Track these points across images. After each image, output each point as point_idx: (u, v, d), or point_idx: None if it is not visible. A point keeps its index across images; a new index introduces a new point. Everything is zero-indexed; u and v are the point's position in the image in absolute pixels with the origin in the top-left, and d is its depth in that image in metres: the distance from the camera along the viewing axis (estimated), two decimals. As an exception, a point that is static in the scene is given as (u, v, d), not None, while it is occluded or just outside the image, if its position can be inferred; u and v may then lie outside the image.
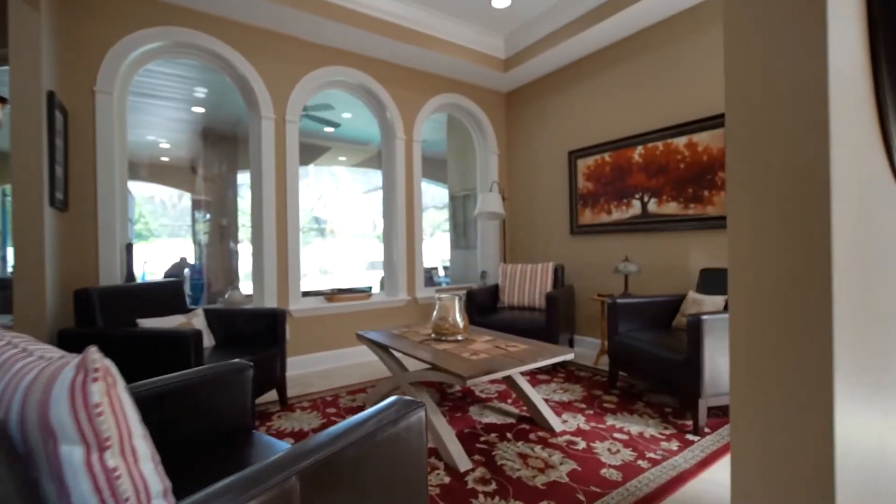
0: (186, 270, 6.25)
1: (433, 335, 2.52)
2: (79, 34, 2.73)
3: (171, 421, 1.27)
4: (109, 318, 2.31)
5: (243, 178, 7.48)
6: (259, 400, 2.78)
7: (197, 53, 3.18)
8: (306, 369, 3.54)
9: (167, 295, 2.70)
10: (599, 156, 3.92)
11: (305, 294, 3.75)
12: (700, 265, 3.21)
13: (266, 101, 3.39)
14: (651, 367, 2.54)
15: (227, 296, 3.23)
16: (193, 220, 7.95)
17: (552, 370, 3.34)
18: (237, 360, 1.43)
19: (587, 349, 4.02)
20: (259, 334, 2.67)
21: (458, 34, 4.01)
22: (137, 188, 8.53)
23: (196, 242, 7.81)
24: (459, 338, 2.47)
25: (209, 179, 7.54)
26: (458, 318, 2.49)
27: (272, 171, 3.43)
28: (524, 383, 2.42)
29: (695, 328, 2.20)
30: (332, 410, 2.62)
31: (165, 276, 7.30)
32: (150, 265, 8.64)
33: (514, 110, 4.84)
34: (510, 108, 4.90)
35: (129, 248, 2.88)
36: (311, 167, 8.66)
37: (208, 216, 7.56)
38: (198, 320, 2.58)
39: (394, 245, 4.11)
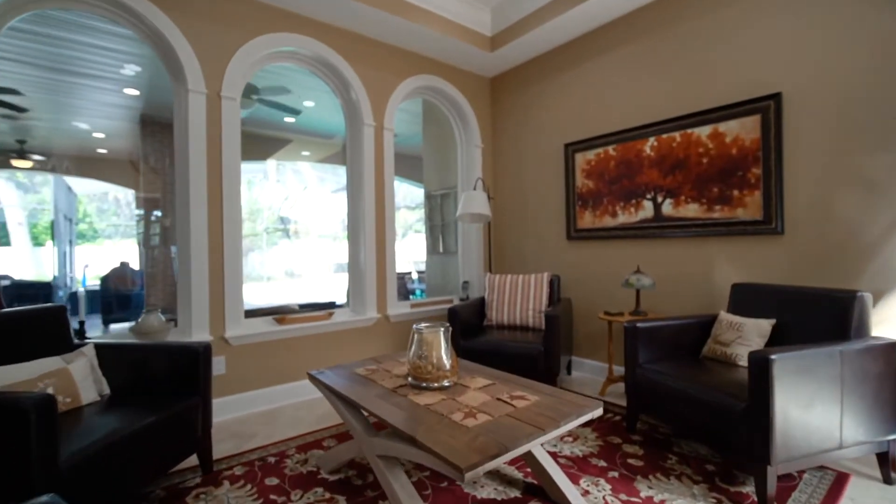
0: (81, 289, 5.41)
1: (410, 379, 1.89)
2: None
3: None
4: (-71, 369, 1.56)
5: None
6: (176, 468, 2.06)
7: (91, 3, 2.41)
8: (247, 410, 2.82)
9: (40, 327, 1.95)
10: (602, 149, 3.37)
11: (250, 314, 3.03)
12: (730, 279, 2.69)
13: (194, 69, 2.66)
14: (689, 414, 1.98)
15: (139, 320, 2.48)
16: (137, 221, 7.10)
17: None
18: (45, 497, 0.76)
19: (588, 374, 3.46)
20: (176, 376, 1.96)
21: (436, 3, 3.38)
22: (80, 185, 7.77)
23: (139, 244, 6.93)
24: (446, 383, 1.84)
25: (152, 172, 6.63)
26: (445, 357, 1.86)
27: (202, 160, 2.70)
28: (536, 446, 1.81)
29: (762, 370, 1.65)
30: (274, 482, 1.94)
31: (103, 285, 6.52)
32: (93, 269, 7.86)
33: (502, 97, 4.24)
34: (497, 94, 4.30)
35: (-8, 260, 2.10)
36: (270, 162, 7.84)
37: (157, 215, 6.68)
38: (80, 364, 1.85)
39: (361, 252, 3.43)
